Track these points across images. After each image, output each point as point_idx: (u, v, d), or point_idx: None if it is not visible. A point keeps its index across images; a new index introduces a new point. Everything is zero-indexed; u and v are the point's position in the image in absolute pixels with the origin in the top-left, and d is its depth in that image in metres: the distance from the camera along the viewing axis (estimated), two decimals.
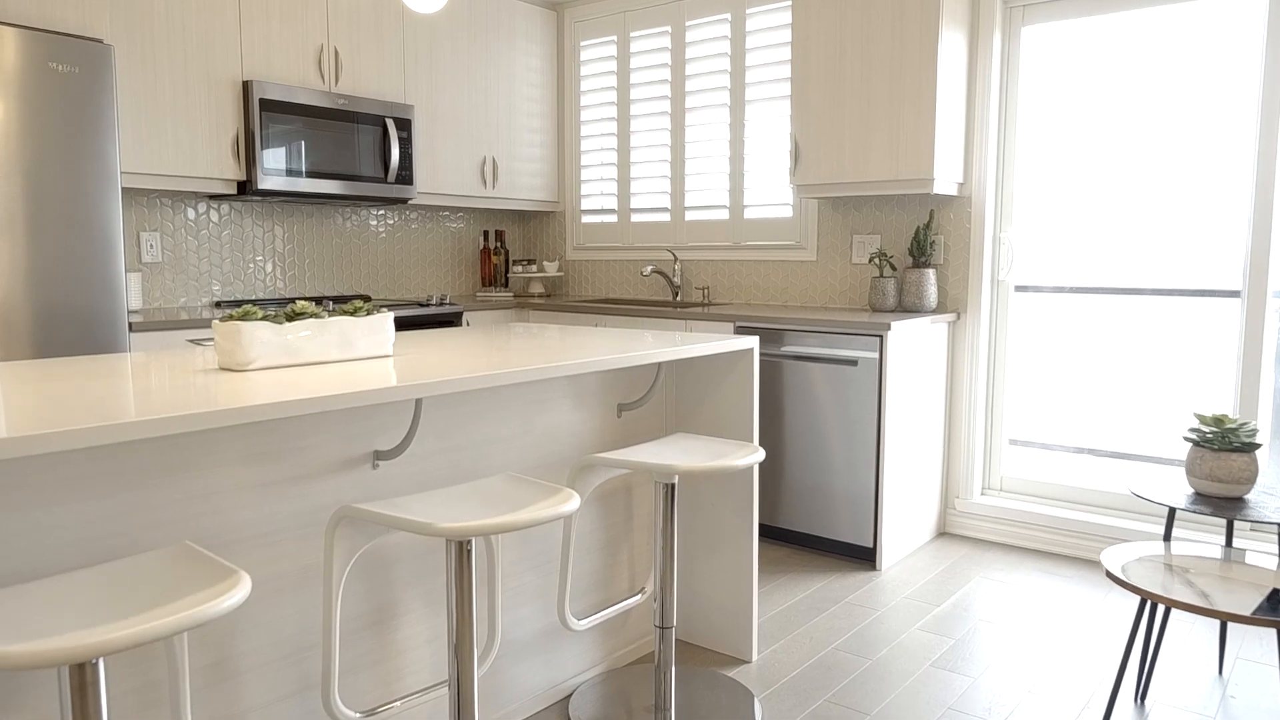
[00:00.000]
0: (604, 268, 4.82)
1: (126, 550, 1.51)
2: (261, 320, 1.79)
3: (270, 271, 4.03)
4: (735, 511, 2.56)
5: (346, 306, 1.97)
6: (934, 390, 3.59)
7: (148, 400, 1.42)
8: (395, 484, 1.92)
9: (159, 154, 3.30)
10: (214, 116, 3.44)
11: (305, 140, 3.65)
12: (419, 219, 4.62)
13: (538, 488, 1.78)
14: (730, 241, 4.30)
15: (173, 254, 3.70)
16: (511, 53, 4.59)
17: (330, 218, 4.24)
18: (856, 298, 3.93)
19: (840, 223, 3.94)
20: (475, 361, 1.92)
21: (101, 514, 1.47)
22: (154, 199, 3.62)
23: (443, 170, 4.30)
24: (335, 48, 3.82)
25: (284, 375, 1.73)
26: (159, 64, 3.27)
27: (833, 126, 3.56)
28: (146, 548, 1.53)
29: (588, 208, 4.86)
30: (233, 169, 3.51)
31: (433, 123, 4.23)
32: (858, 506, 3.33)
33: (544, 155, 4.82)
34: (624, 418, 2.49)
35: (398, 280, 4.55)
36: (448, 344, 2.28)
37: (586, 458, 2.10)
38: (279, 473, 1.72)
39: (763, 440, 3.54)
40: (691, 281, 4.45)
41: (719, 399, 2.55)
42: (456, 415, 2.05)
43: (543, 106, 4.79)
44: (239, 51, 3.50)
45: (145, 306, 3.60)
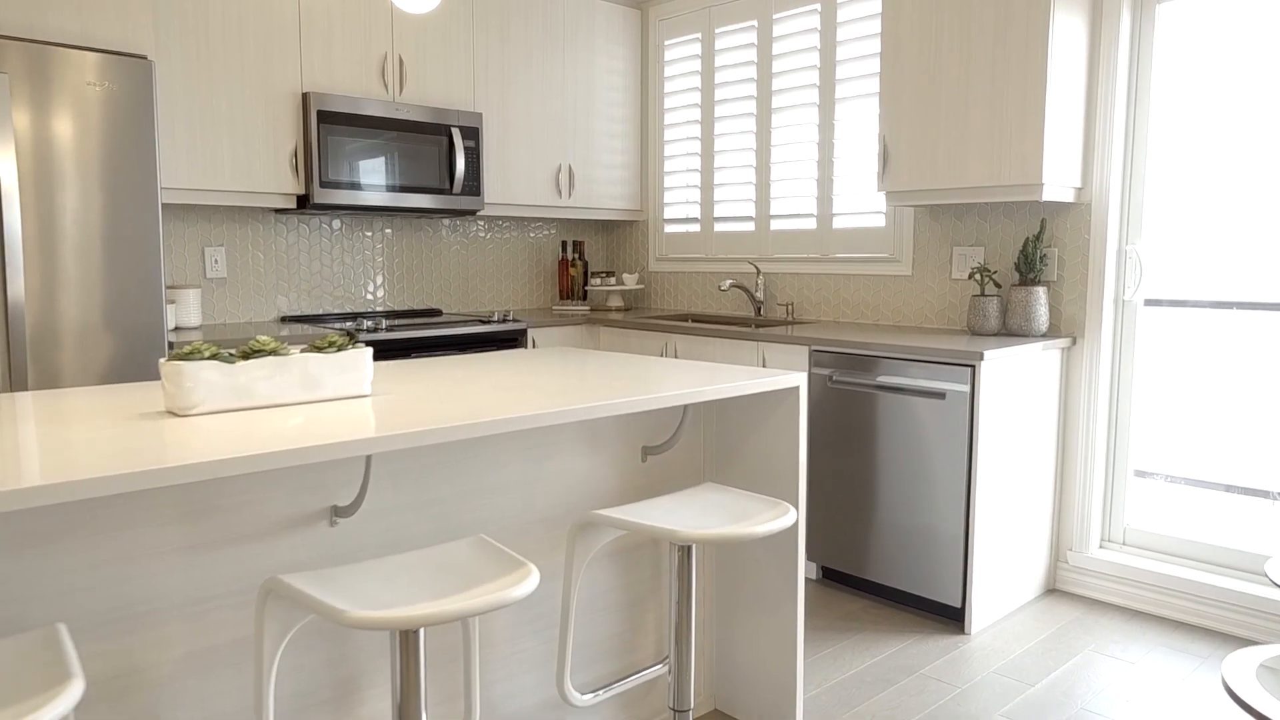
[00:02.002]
0: (686, 280, 4.53)
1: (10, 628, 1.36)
2: (209, 360, 1.62)
3: (338, 285, 3.96)
4: (779, 570, 2.23)
5: (320, 340, 1.78)
6: (1044, 426, 3.11)
7: (58, 456, 1.26)
8: (356, 544, 1.71)
9: (215, 169, 3.26)
10: (272, 130, 3.37)
11: (365, 152, 3.55)
12: (495, 230, 4.48)
13: (501, 561, 1.53)
14: (818, 254, 3.93)
15: (238, 269, 3.68)
16: (591, 55, 4.37)
17: (401, 230, 4.14)
18: (956, 318, 3.49)
19: (939, 233, 3.51)
20: (466, 403, 1.68)
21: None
22: (218, 214, 3.61)
23: (515, 180, 4.13)
24: (400, 56, 3.70)
25: (231, 422, 1.55)
26: (215, 78, 3.23)
27: (926, 125, 3.15)
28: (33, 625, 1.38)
29: (670, 216, 4.59)
30: (291, 183, 3.44)
31: (504, 131, 4.07)
32: (944, 559, 2.91)
33: (625, 162, 4.58)
34: (649, 463, 2.21)
35: (471, 293, 4.42)
36: (452, 377, 2.07)
37: (587, 514, 1.83)
38: (214, 532, 1.54)
39: (841, 476, 3.17)
40: (775, 296, 4.11)
41: (762, 442, 2.23)
42: (441, 461, 1.83)
43: (624, 110, 4.55)
44: (298, 63, 3.43)
45: (206, 323, 3.59)
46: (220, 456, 1.28)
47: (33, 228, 2.61)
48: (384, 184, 3.62)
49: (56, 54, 2.62)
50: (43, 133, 2.61)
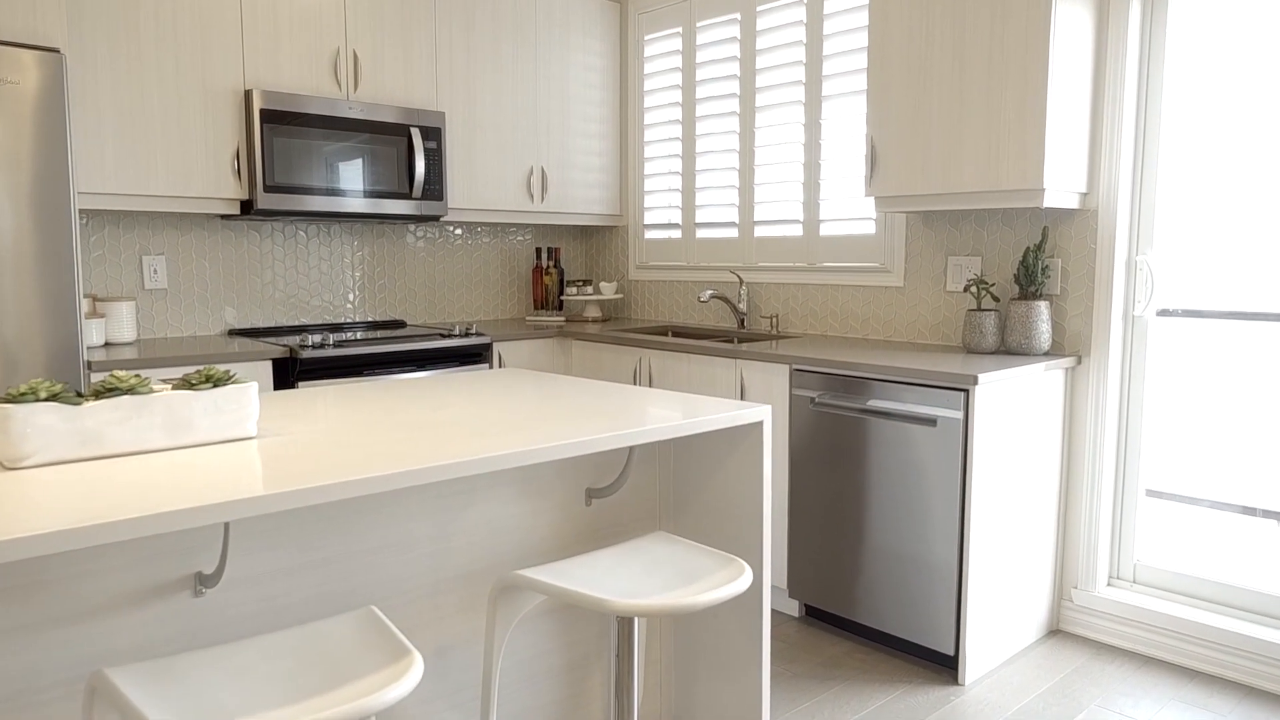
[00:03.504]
0: (667, 289, 4.27)
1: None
2: (48, 400, 1.37)
3: (292, 296, 3.71)
4: (742, 630, 1.96)
5: (193, 375, 1.53)
6: (1046, 453, 2.84)
7: None
8: (224, 618, 1.45)
9: (148, 173, 3.01)
10: (210, 131, 3.12)
11: (315, 155, 3.30)
12: (465, 236, 4.22)
13: (383, 646, 1.27)
14: (804, 262, 3.67)
15: (180, 280, 3.43)
16: (566, 50, 4.11)
17: (364, 237, 3.89)
18: (951, 333, 3.22)
19: (933, 242, 3.24)
20: (364, 448, 1.43)
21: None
22: (158, 221, 3.36)
23: (482, 183, 3.87)
24: (354, 51, 3.45)
25: (67, 477, 1.30)
26: (145, 74, 2.98)
27: (917, 125, 2.88)
28: None
29: (651, 222, 4.33)
30: (233, 187, 3.19)
31: (470, 131, 3.81)
32: (936, 602, 2.65)
33: (604, 164, 4.32)
34: (594, 507, 1.95)
35: (438, 303, 4.16)
36: (363, 411, 1.81)
37: (508, 575, 1.57)
38: (44, 610, 1.28)
39: (826, 507, 2.91)
40: (759, 308, 3.84)
41: (723, 482, 1.97)
42: (332, 516, 1.57)
43: (602, 110, 4.29)
44: (240, 58, 3.18)
45: (143, 338, 3.34)
46: None
47: None
48: (336, 188, 3.36)
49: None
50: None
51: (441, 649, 1.72)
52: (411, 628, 1.67)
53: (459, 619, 1.75)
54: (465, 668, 1.77)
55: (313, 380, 3.11)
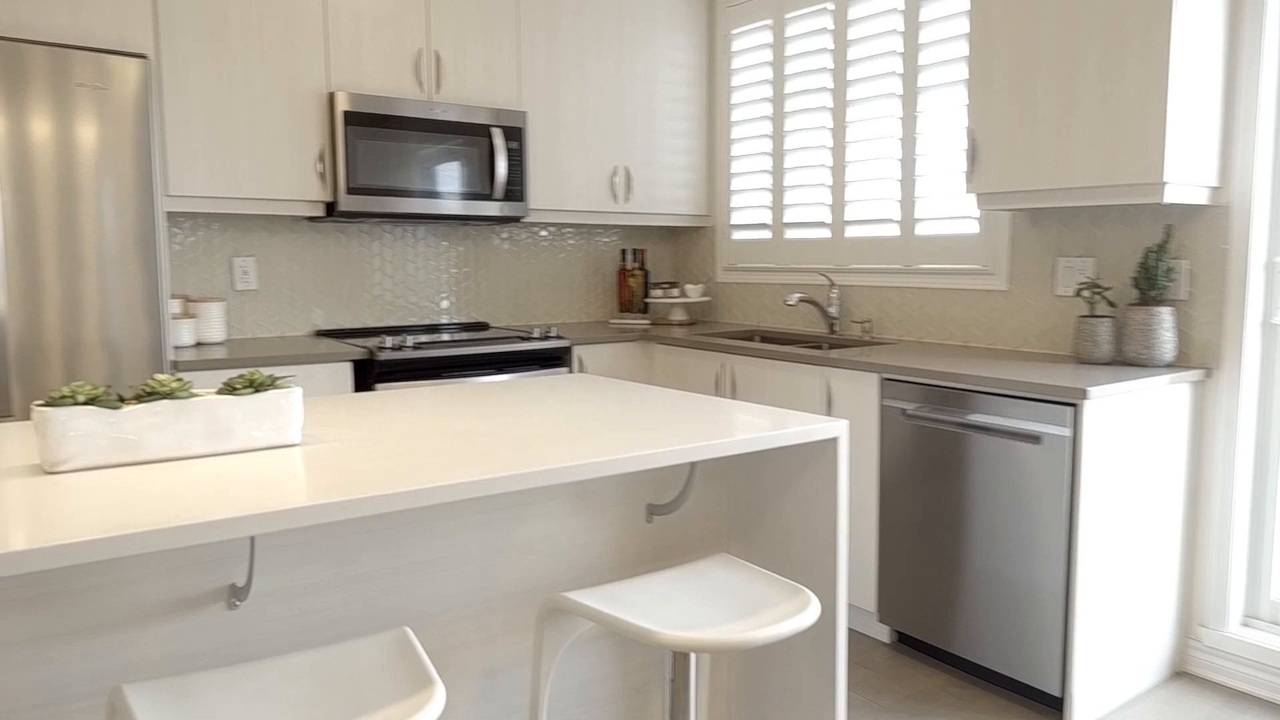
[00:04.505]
0: (755, 292, 4.11)
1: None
2: (87, 404, 1.34)
3: (379, 298, 3.73)
4: (815, 666, 1.81)
5: (237, 379, 1.49)
6: (1169, 477, 2.57)
7: None
8: (257, 634, 1.40)
9: (235, 176, 3.05)
10: (296, 134, 3.15)
11: (398, 156, 3.29)
12: (551, 238, 4.17)
13: (409, 673, 1.19)
14: (899, 264, 3.45)
15: (270, 281, 3.48)
16: (651, 47, 4.01)
17: (450, 238, 3.88)
18: (1060, 341, 2.96)
19: (1041, 242, 2.99)
20: (408, 459, 1.35)
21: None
22: (248, 223, 3.42)
23: (564, 184, 3.81)
24: (436, 51, 3.43)
25: (109, 481, 1.27)
26: (233, 79, 3.02)
27: (1022, 116, 2.65)
28: None
29: (739, 222, 4.18)
30: (317, 190, 3.22)
31: (552, 131, 3.75)
32: (1039, 636, 2.42)
33: (691, 163, 4.20)
34: (656, 524, 1.83)
35: (522, 305, 4.12)
36: (415, 418, 1.74)
37: (555, 598, 1.47)
38: (71, 620, 1.25)
39: (919, 527, 2.71)
40: (851, 312, 3.64)
41: (795, 502, 1.82)
42: (373, 529, 1.50)
43: (689, 107, 4.17)
44: (324, 61, 3.20)
45: (232, 338, 3.40)
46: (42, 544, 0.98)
47: (15, 239, 2.43)
48: (417, 189, 3.35)
49: (43, 53, 2.44)
50: (27, 138, 2.44)
51: (489, 670, 1.63)
52: (457, 647, 1.59)
53: (509, 639, 1.66)
54: (515, 690, 1.68)
55: (391, 382, 3.09)
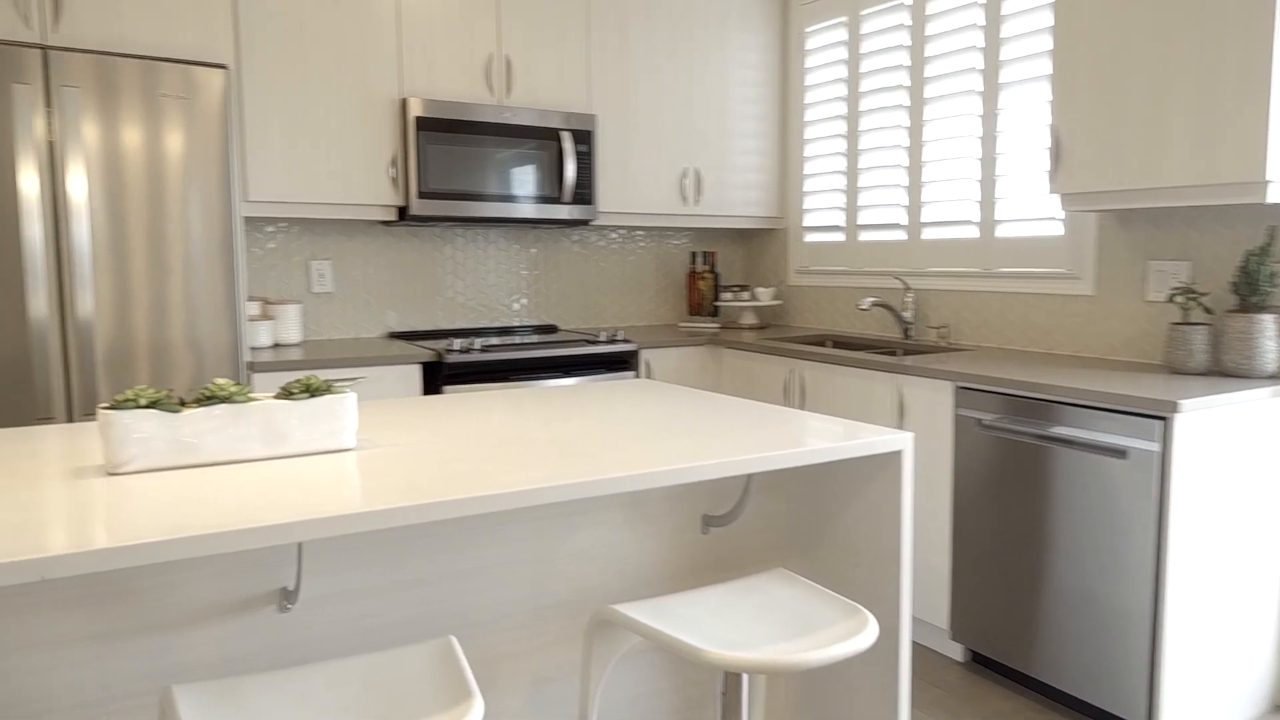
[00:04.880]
0: (828, 295, 4.02)
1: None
2: (148, 407, 1.37)
3: (450, 300, 3.78)
4: (877, 686, 1.74)
5: (293, 384, 1.51)
6: (1269, 496, 2.40)
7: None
8: (307, 637, 1.41)
9: (311, 181, 3.13)
10: (369, 139, 3.21)
11: (467, 160, 3.33)
12: (621, 240, 4.16)
13: (449, 685, 1.18)
14: (978, 267, 3.32)
15: (345, 283, 3.56)
16: (723, 47, 3.96)
17: (516, 241, 3.91)
18: (1151, 350, 2.80)
19: (1131, 245, 2.83)
20: (460, 465, 1.35)
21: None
22: (324, 227, 3.50)
23: (633, 186, 3.79)
24: (507, 57, 3.46)
25: (168, 483, 1.29)
26: (310, 87, 3.10)
27: (1110, 112, 2.51)
28: None
29: (812, 224, 4.09)
30: (389, 194, 3.27)
31: (622, 134, 3.74)
32: (1124, 661, 2.28)
33: (763, 164, 4.13)
34: (712, 535, 1.79)
35: (592, 308, 4.12)
36: (469, 423, 1.74)
37: (603, 610, 1.45)
38: (127, 619, 1.28)
39: (994, 543, 2.59)
40: (927, 316, 3.52)
41: (857, 516, 1.75)
42: (425, 535, 1.50)
43: (761, 108, 4.10)
44: (398, 68, 3.25)
45: (308, 339, 3.49)
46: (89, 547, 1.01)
47: (105, 243, 2.54)
48: (487, 193, 3.38)
49: (130, 65, 2.54)
50: (116, 146, 2.54)
51: (539, 679, 1.62)
52: (508, 655, 1.58)
53: (561, 649, 1.64)
54: (567, 700, 1.66)
55: (458, 385, 3.12)
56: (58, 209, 2.47)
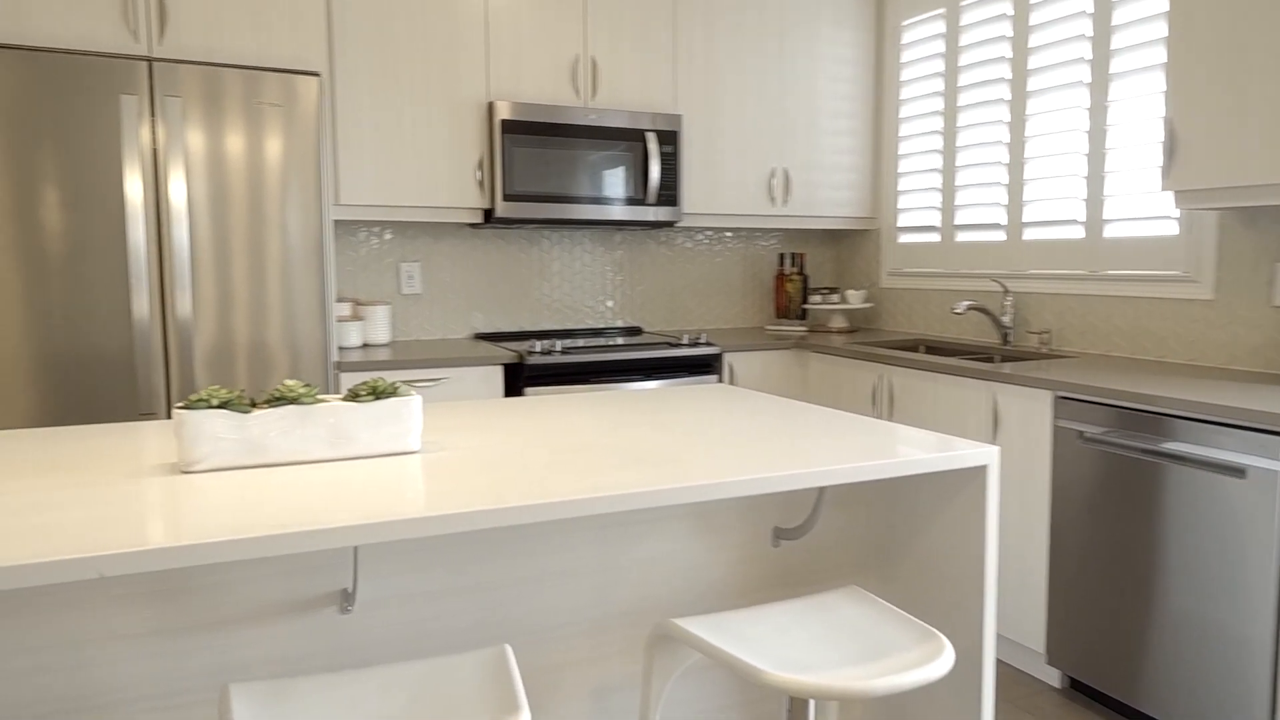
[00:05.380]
0: (922, 298, 3.87)
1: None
2: (219, 408, 1.40)
3: (535, 302, 3.80)
4: (957, 718, 1.64)
5: (361, 386, 1.52)
6: None
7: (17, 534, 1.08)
8: (366, 639, 1.41)
9: (399, 185, 3.19)
10: (456, 143, 3.25)
11: (551, 163, 3.33)
12: (708, 241, 4.10)
13: (499, 695, 1.16)
14: (1084, 269, 3.13)
15: (433, 285, 3.62)
16: (814, 43, 3.86)
17: (602, 243, 3.90)
18: (1277, 358, 2.57)
19: (1256, 244, 2.61)
20: (522, 471, 1.34)
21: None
22: (413, 230, 3.57)
23: (719, 187, 3.73)
24: (593, 58, 3.45)
25: (236, 482, 1.32)
26: (399, 92, 3.16)
27: (1232, 102, 2.32)
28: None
29: (906, 225, 3.95)
30: (475, 197, 3.31)
31: (708, 133, 3.68)
32: (1241, 692, 2.10)
33: (855, 163, 4.01)
34: (783, 549, 1.72)
35: (677, 310, 4.08)
36: (538, 427, 1.73)
37: (663, 623, 1.41)
38: (190, 615, 1.31)
39: (1096, 564, 2.43)
40: (1028, 321, 3.34)
41: (937, 534, 1.66)
42: (486, 539, 1.49)
43: (853, 104, 3.98)
44: (484, 72, 3.28)
45: (396, 340, 3.56)
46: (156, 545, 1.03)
47: (202, 246, 2.64)
48: (572, 195, 3.38)
49: (228, 75, 2.63)
50: (214, 153, 2.63)
51: (600, 691, 1.58)
52: (568, 664, 1.55)
53: (623, 660, 1.60)
54: (628, 713, 1.62)
55: (539, 387, 3.13)
56: (160, 214, 2.58)
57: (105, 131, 2.51)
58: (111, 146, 2.52)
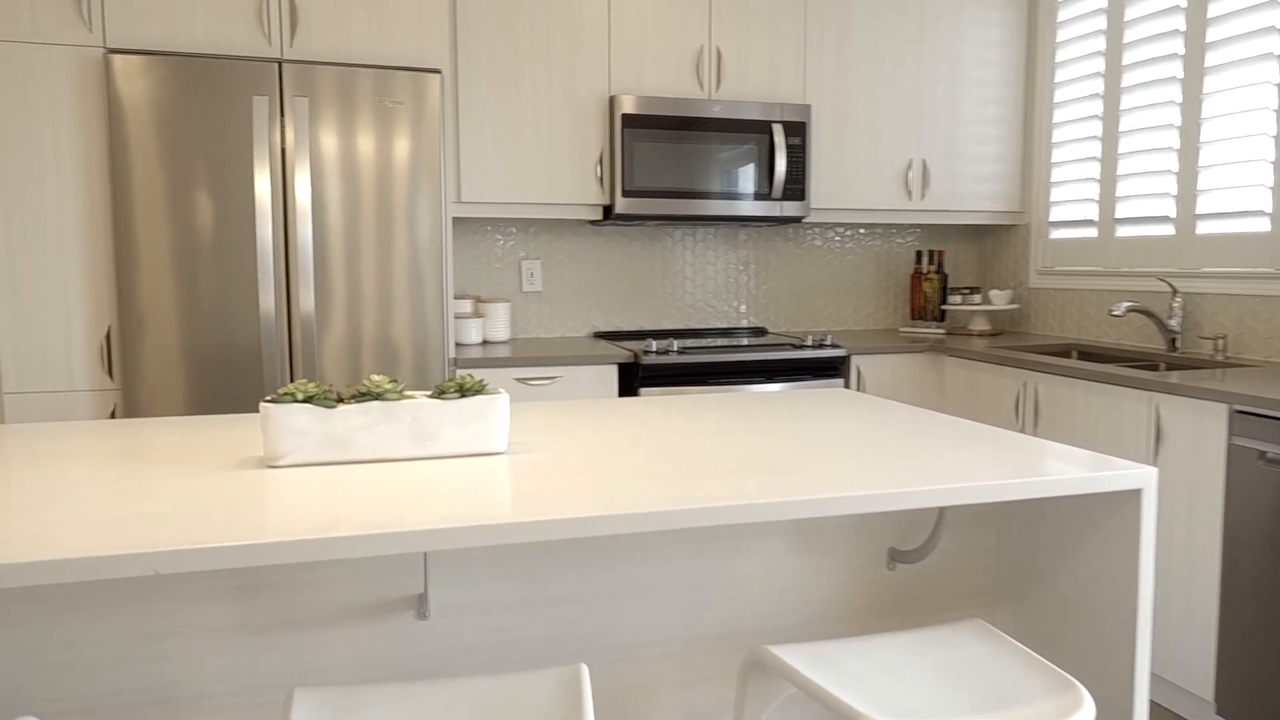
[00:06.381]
0: (1075, 299, 3.53)
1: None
2: (304, 402, 1.38)
3: (656, 299, 3.72)
4: None
5: (448, 383, 1.47)
6: None
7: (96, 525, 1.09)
8: (442, 648, 1.35)
9: (521, 181, 3.17)
10: (576, 138, 3.21)
11: (672, 157, 3.24)
12: (836, 239, 3.91)
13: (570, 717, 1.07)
14: (1270, 267, 2.76)
15: (553, 283, 3.60)
16: (957, 24, 3.60)
17: (725, 240, 3.77)
18: None
19: None
20: (613, 477, 1.25)
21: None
22: (535, 227, 3.56)
23: (850, 181, 3.53)
24: (718, 48, 3.33)
25: (316, 479, 1.30)
26: (521, 88, 3.14)
27: None
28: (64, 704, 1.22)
29: (1059, 219, 3.62)
30: (595, 193, 3.25)
31: (838, 124, 3.49)
32: None
33: (1001, 152, 3.71)
34: (899, 573, 1.56)
35: (804, 310, 3.90)
36: (634, 430, 1.63)
37: (758, 650, 1.28)
38: (271, 613, 1.29)
39: (1275, 603, 2.11)
40: (1200, 325, 2.98)
41: (1081, 564, 1.45)
42: (571, 548, 1.40)
43: (1001, 90, 3.69)
44: (606, 66, 3.22)
45: (516, 337, 3.55)
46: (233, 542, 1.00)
47: (324, 243, 2.69)
48: (692, 190, 3.27)
49: (354, 74, 2.68)
50: (338, 151, 2.68)
51: (691, 717, 1.47)
52: (655, 687, 1.45)
53: (715, 685, 1.48)
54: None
55: (654, 387, 3.04)
56: (287, 211, 2.65)
57: (239, 132, 2.60)
58: (244, 146, 2.60)
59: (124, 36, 2.57)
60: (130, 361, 2.58)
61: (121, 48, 2.57)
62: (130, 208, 2.55)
